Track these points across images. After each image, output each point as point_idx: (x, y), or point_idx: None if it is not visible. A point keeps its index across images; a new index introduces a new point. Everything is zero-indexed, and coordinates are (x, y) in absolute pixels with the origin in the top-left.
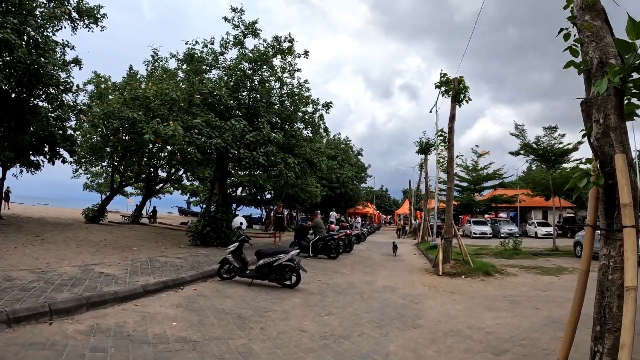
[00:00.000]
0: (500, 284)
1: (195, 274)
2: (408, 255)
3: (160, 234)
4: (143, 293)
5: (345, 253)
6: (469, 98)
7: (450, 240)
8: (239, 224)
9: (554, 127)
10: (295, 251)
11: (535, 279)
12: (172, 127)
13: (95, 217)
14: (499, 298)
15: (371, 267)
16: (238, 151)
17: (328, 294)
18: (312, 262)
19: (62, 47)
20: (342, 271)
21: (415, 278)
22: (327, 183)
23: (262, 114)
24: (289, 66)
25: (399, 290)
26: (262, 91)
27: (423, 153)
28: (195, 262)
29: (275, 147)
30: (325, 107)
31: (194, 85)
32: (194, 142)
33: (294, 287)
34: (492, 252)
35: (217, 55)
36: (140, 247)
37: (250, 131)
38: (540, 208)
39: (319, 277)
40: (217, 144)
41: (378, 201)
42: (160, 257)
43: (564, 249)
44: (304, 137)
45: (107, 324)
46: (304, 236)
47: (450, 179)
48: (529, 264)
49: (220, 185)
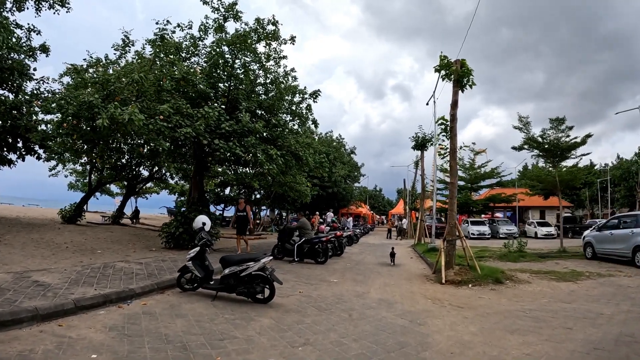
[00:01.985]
0: (514, 295)
1: (149, 285)
2: (405, 258)
3: (137, 235)
4: (74, 309)
5: (336, 257)
6: (472, 82)
7: (454, 243)
8: (201, 224)
9: (561, 119)
10: (267, 258)
11: (553, 287)
12: (128, 110)
13: (72, 217)
14: (519, 315)
15: (363, 274)
16: (211, 141)
17: (309, 311)
18: (297, 268)
19: (27, 31)
20: (329, 279)
21: (415, 288)
22: (319, 182)
23: (241, 103)
24: (274, 53)
25: (396, 306)
26: (243, 79)
27: (419, 149)
28: (157, 269)
29: (256, 137)
30: (312, 96)
31: (163, 68)
32: (160, 131)
33: (267, 302)
34: (496, 255)
35: (196, 40)
36: (106, 250)
37: (227, 120)
38: (538, 207)
39: (301, 288)
40: (187, 133)
41: (372, 201)
42: (118, 263)
43: (571, 250)
44: (288, 127)
45: (9, 353)
46: (289, 238)
47: (453, 173)
48: (539, 267)
49: (195, 181)
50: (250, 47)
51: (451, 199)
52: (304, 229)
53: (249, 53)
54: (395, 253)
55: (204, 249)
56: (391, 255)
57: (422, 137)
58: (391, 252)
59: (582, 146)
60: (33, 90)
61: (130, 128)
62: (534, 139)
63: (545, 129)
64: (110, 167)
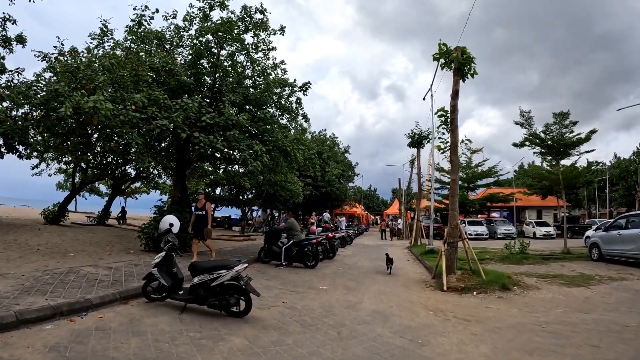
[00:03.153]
0: (525, 304)
1: (110, 294)
2: (401, 261)
3: (120, 236)
4: (16, 323)
5: (328, 260)
6: (474, 71)
7: (456, 246)
8: (168, 225)
9: (565, 114)
10: (241, 266)
11: (565, 294)
12: (93, 98)
13: (55, 218)
14: (535, 329)
15: (356, 280)
16: (191, 134)
17: (291, 327)
18: (284, 273)
19: (2, 20)
20: (318, 286)
21: (413, 296)
22: (312, 182)
23: (225, 94)
24: (263, 44)
25: (393, 320)
26: (230, 71)
27: (416, 146)
28: (126, 275)
29: (240, 131)
30: (302, 88)
31: (140, 56)
32: (132, 123)
33: (242, 316)
34: (497, 257)
35: (180, 31)
36: (80, 253)
37: (208, 112)
38: (535, 207)
39: (285, 296)
40: (164, 125)
41: (366, 201)
42: (86, 267)
43: (575, 251)
44: (275, 121)
45: None
46: (276, 241)
47: (455, 169)
48: (545, 271)
49: (176, 178)
50: (237, 37)
51: (452, 197)
52: (292, 231)
53: (235, 43)
54: (392, 259)
55: (170, 254)
56: (388, 261)
57: (419, 134)
58: (387, 257)
59: (585, 142)
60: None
61: (98, 118)
62: (536, 135)
63: (549, 124)
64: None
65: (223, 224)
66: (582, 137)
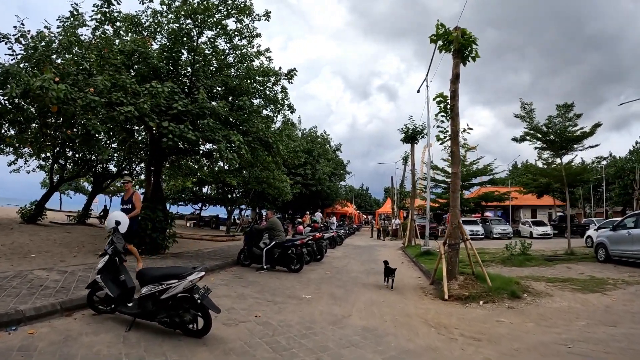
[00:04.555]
0: (540, 315)
1: (48, 305)
2: (395, 264)
3: (95, 236)
4: None
5: (315, 262)
6: (476, 54)
7: (457, 248)
8: (114, 223)
9: (569, 105)
10: (196, 275)
11: (582, 302)
12: (42, 77)
13: (32, 216)
14: (561, 351)
15: (345, 287)
16: (159, 123)
17: (259, 352)
18: (264, 278)
19: None
20: (301, 294)
21: (411, 307)
22: (302, 180)
23: (202, 80)
24: (246, 30)
25: (387, 340)
26: (208, 55)
27: (409, 142)
28: (79, 281)
29: (216, 120)
30: (288, 76)
31: (109, 37)
32: (91, 107)
33: (201, 335)
34: (498, 259)
35: (157, 15)
36: (43, 254)
37: (181, 99)
38: (529, 206)
39: (261, 308)
40: (129, 112)
41: (358, 200)
42: (38, 271)
43: (578, 251)
44: (256, 110)
45: None
46: (257, 242)
47: (456, 161)
48: (552, 274)
49: (148, 172)
50: (218, 22)
51: (453, 193)
52: (274, 230)
53: (216, 27)
54: (394, 269)
55: (114, 259)
56: (387, 272)
57: (413, 129)
58: (386, 267)
59: (590, 137)
60: None
61: (50, 101)
62: (537, 129)
63: (552, 116)
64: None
65: (210, 223)
66: (586, 131)
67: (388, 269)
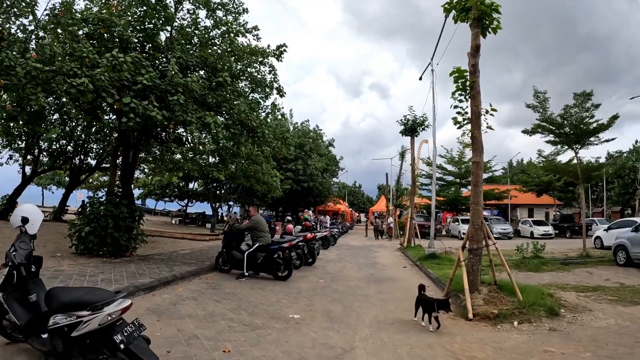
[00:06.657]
0: (593, 340)
1: None
2: (395, 267)
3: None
4: None
5: (306, 266)
6: (499, 25)
7: (480, 254)
8: (20, 222)
9: (588, 94)
10: (116, 306)
11: (629, 318)
12: None
13: (3, 212)
14: None
15: (343, 301)
16: (119, 100)
17: None
18: (243, 289)
19: None
20: (287, 313)
21: (429, 332)
22: (293, 175)
23: (175, 52)
24: (232, 3)
25: None
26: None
27: (409, 134)
28: None
29: (188, 98)
30: (276, 52)
31: (68, 2)
32: (33, 77)
33: None
34: (511, 262)
35: None
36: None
37: (148, 72)
38: (527, 205)
39: (232, 338)
40: (82, 84)
41: (351, 198)
42: None
43: (594, 254)
44: (238, 90)
45: None
46: (238, 244)
47: (478, 147)
48: (575, 280)
49: (114, 162)
50: None
51: (475, 187)
52: (257, 231)
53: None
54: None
55: (21, 272)
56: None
57: (413, 121)
58: (421, 297)
59: (607, 130)
60: None
61: None
62: (551, 120)
63: (569, 106)
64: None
65: (196, 220)
66: (603, 123)
67: (425, 300)
